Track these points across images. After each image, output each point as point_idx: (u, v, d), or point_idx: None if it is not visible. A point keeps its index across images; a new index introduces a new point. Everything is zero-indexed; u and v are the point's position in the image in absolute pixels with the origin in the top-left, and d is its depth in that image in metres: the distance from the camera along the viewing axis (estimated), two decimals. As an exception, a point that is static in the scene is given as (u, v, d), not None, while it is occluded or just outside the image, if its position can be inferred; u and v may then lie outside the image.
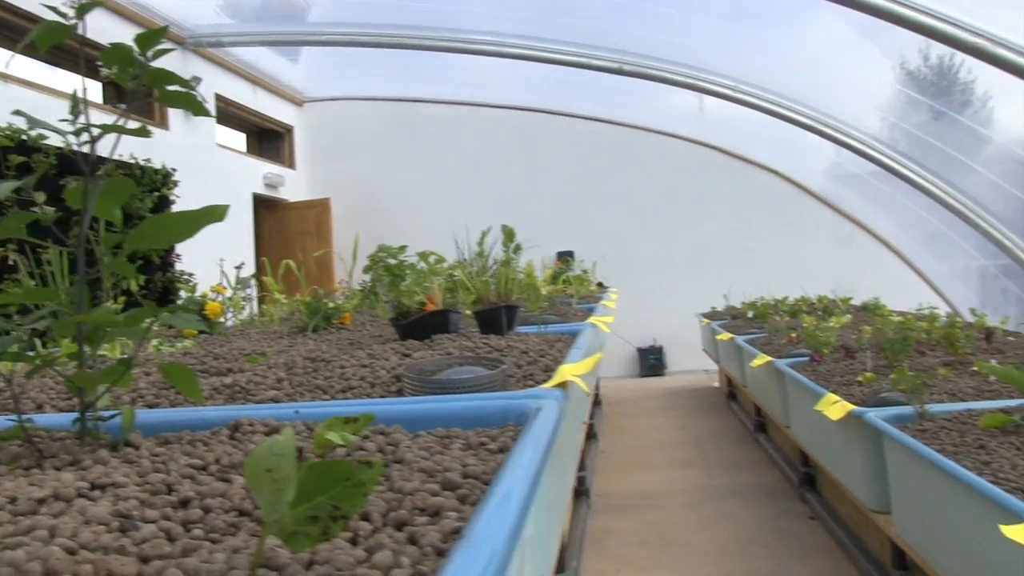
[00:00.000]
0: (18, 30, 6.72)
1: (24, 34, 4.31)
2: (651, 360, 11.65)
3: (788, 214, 11.49)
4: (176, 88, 1.35)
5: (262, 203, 10.80)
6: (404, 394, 1.81)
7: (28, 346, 1.37)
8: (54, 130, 1.26)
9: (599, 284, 8.75)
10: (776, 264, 10.85)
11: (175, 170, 7.91)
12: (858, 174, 10.33)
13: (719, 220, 11.63)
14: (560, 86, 10.93)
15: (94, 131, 1.29)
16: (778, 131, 9.65)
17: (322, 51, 10.71)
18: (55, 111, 1.33)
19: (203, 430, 1.42)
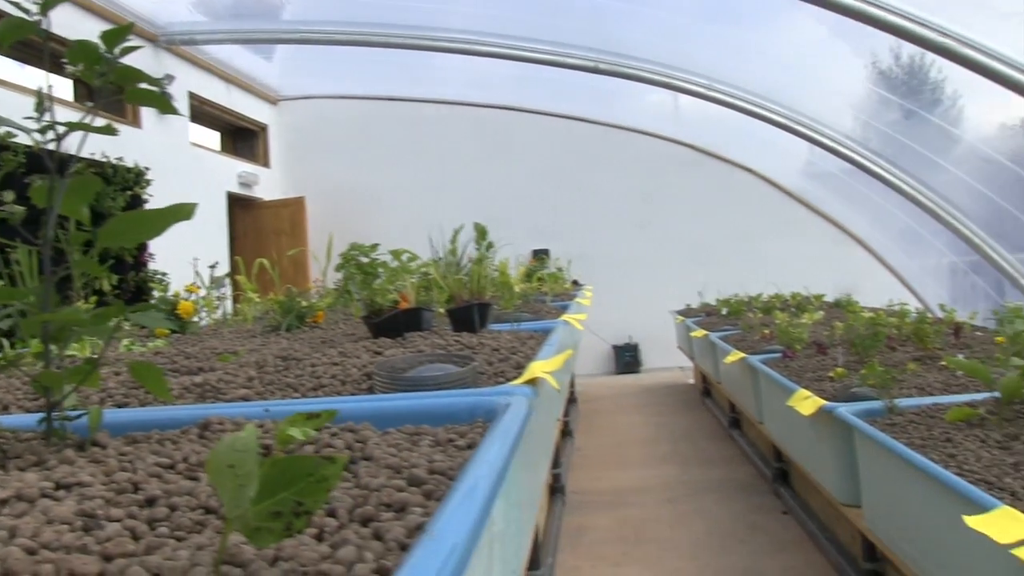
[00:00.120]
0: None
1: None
2: (627, 357, 11.68)
3: (763, 212, 11.55)
4: (144, 86, 1.35)
5: (236, 202, 10.73)
6: (375, 391, 1.81)
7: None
8: (19, 128, 1.26)
9: (574, 282, 8.77)
10: (751, 261, 10.92)
11: (148, 169, 7.84)
12: (832, 172, 10.40)
13: (695, 218, 11.67)
14: (536, 84, 10.94)
15: (60, 129, 1.28)
16: (753, 130, 9.70)
17: (297, 49, 10.64)
18: (26, 109, 1.32)
19: (173, 429, 1.42)
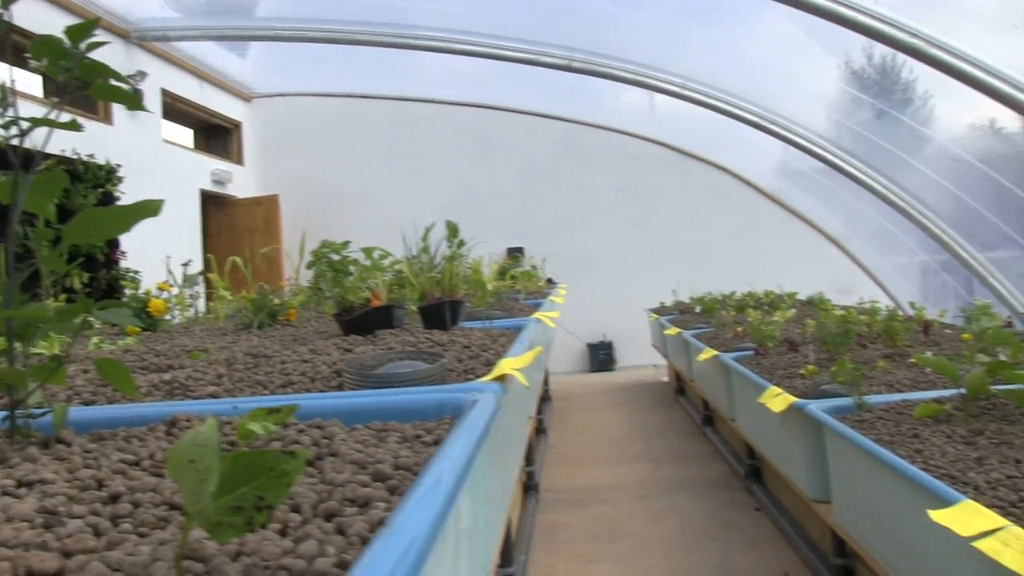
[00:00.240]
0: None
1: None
2: (601, 356, 11.72)
3: (738, 211, 11.62)
4: (112, 82, 1.34)
5: (210, 199, 10.65)
6: (344, 388, 1.81)
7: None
8: (-19, 123, 1.25)
9: (548, 280, 8.78)
10: (725, 260, 11.00)
11: (120, 166, 7.77)
12: (805, 171, 10.49)
13: (670, 217, 11.73)
14: (512, 83, 10.94)
15: (23, 124, 1.27)
16: (728, 129, 9.76)
17: (271, 47, 10.57)
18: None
19: (140, 427, 1.41)
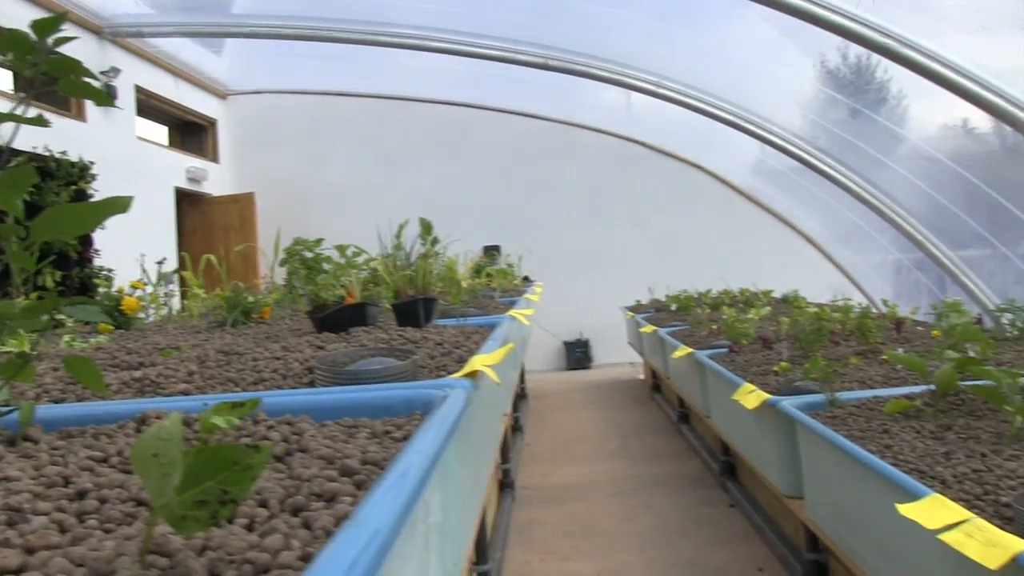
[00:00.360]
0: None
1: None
2: (577, 353, 11.73)
3: (714, 209, 11.68)
4: (82, 78, 1.33)
5: (185, 197, 10.57)
6: (316, 385, 1.81)
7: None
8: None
9: (524, 278, 8.79)
10: (702, 258, 11.04)
11: (93, 163, 7.69)
12: (781, 170, 10.55)
13: (647, 215, 11.76)
14: (490, 81, 10.93)
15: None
16: (705, 128, 9.79)
17: (247, 44, 10.48)
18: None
19: (110, 424, 1.41)
